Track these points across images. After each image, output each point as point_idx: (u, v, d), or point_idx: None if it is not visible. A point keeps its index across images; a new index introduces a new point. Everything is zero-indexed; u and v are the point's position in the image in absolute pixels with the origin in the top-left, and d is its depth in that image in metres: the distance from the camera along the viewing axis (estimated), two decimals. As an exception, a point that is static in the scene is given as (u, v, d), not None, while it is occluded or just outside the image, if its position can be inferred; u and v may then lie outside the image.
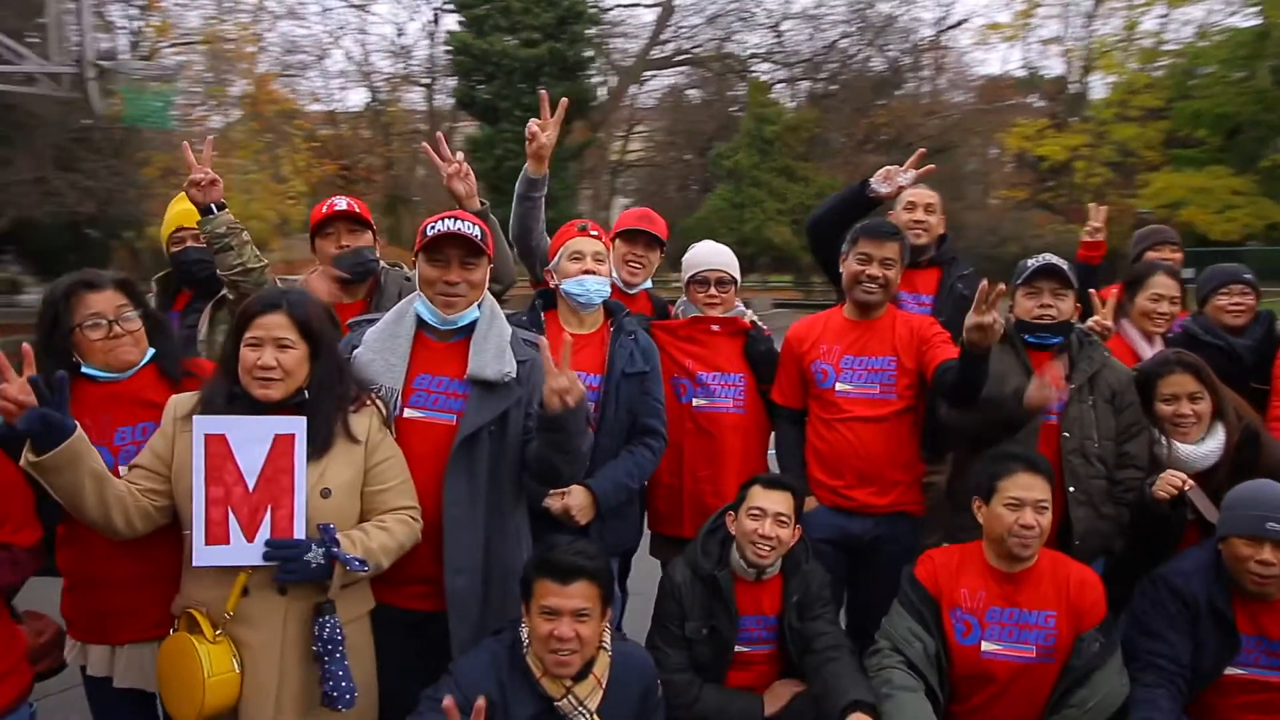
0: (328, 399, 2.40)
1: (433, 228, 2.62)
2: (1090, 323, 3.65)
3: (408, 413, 2.64)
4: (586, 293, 3.08)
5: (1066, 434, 3.20)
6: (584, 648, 2.41)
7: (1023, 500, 2.76)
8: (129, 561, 2.45)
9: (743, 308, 3.65)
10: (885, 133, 31.05)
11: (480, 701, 2.22)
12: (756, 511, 2.94)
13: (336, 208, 3.35)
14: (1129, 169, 39.12)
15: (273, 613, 2.31)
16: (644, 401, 3.19)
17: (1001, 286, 2.89)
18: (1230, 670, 2.79)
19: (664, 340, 3.48)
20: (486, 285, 2.76)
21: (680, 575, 3.04)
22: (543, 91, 3.53)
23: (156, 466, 2.35)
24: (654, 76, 37.37)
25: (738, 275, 3.61)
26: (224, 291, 3.40)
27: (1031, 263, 3.29)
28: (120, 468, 2.42)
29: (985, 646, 2.81)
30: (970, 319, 2.85)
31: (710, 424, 3.44)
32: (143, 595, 2.47)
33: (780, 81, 36.10)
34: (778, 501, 2.95)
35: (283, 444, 2.28)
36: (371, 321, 2.76)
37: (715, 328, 3.48)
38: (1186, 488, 2.93)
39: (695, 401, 3.45)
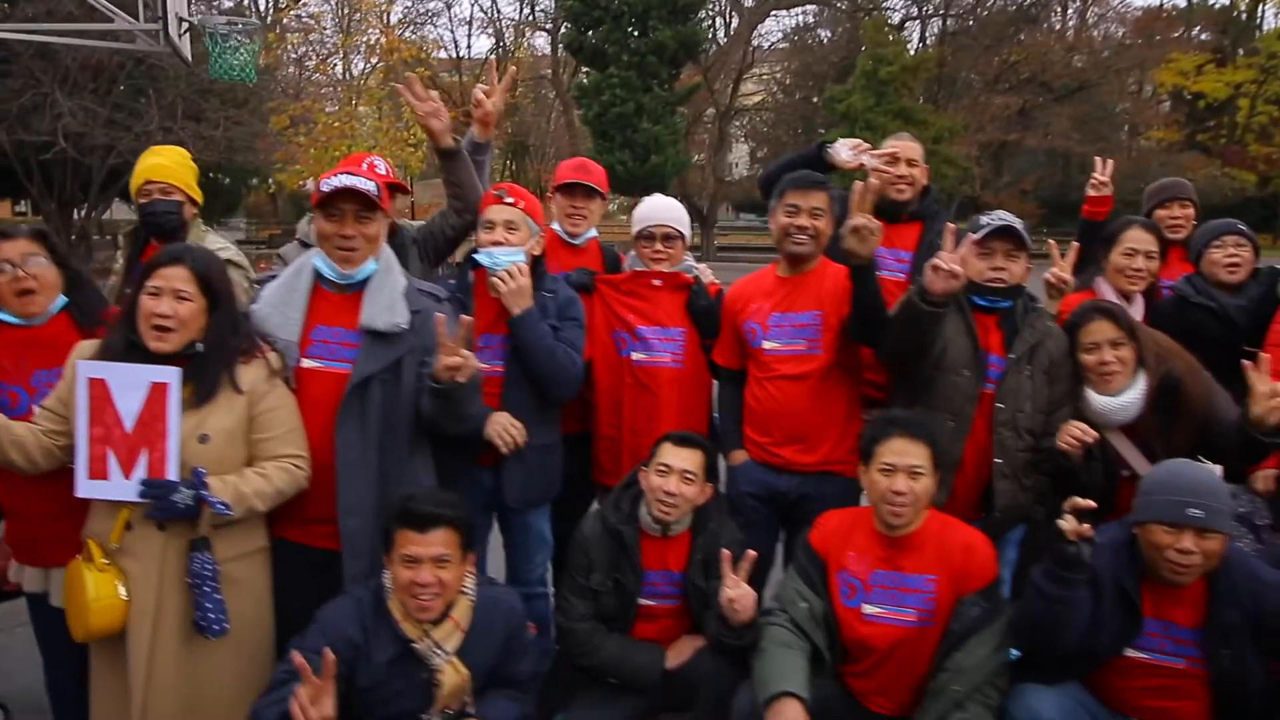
0: (218, 352, 2.53)
1: (327, 183, 2.71)
2: (1048, 274, 3.46)
3: (306, 363, 2.75)
4: (494, 264, 3.09)
5: (1000, 405, 3.06)
6: (445, 592, 2.50)
7: (895, 466, 2.69)
8: (49, 495, 2.65)
9: (691, 262, 3.62)
10: (1021, 71, 29.32)
11: (330, 655, 2.32)
12: (663, 468, 2.95)
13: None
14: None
15: (152, 546, 2.48)
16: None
17: (875, 183, 2.89)
18: (1131, 652, 2.65)
19: (607, 294, 3.49)
20: (383, 238, 2.84)
21: (590, 528, 3.09)
22: (491, 58, 3.56)
23: (59, 409, 2.54)
24: (782, 16, 36.46)
25: (686, 231, 3.57)
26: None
27: (986, 220, 3.12)
28: (35, 407, 2.64)
29: (867, 609, 2.77)
30: (847, 222, 2.80)
31: (649, 378, 3.43)
32: (64, 526, 2.67)
33: (912, 19, 34.59)
34: (686, 459, 2.96)
35: (158, 391, 2.43)
36: (275, 278, 2.88)
37: (657, 282, 3.46)
38: (1090, 440, 2.80)
39: (634, 355, 3.44)
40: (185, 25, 8.58)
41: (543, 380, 3.16)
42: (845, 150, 3.59)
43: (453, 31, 36.47)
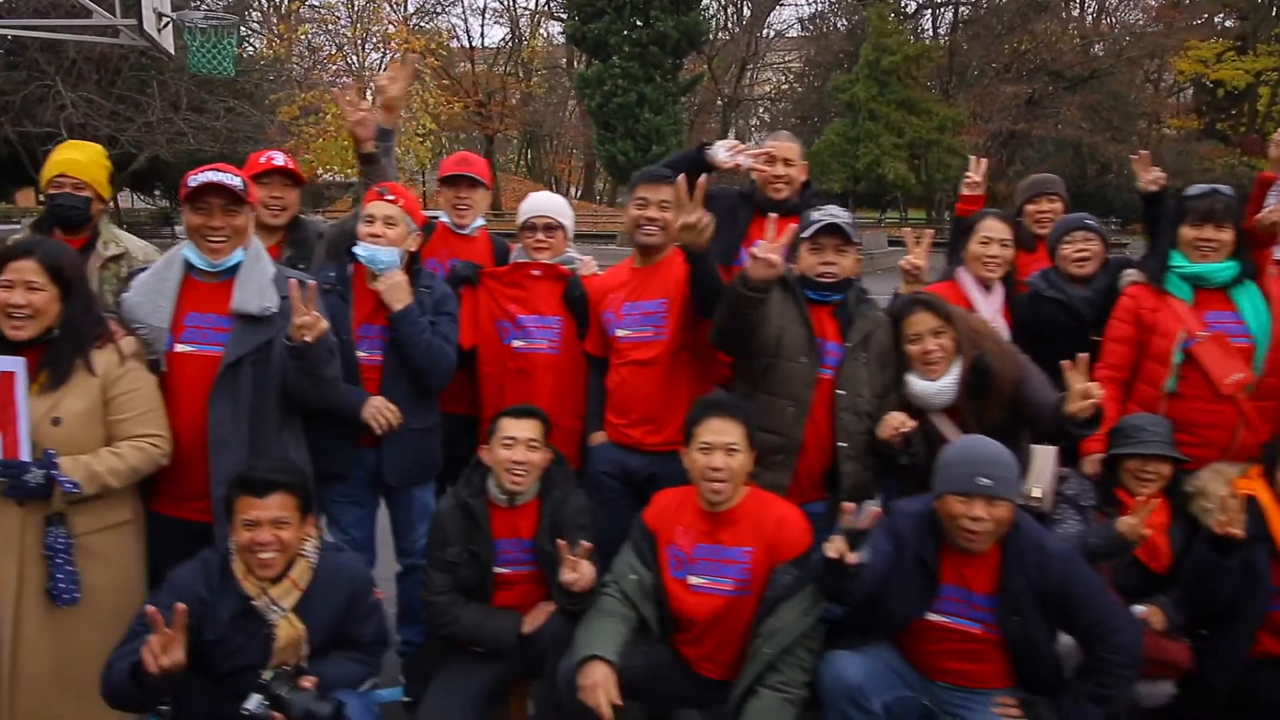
0: (71, 338, 2.76)
1: (195, 179, 2.94)
2: (901, 261, 3.63)
3: (179, 348, 2.99)
4: (371, 261, 3.30)
5: (841, 391, 3.25)
6: (285, 550, 2.72)
7: (713, 444, 2.88)
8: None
9: (572, 254, 3.82)
10: (1031, 60, 29.10)
11: (180, 606, 2.53)
12: (509, 440, 3.15)
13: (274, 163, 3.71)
14: (1324, 96, 35.25)
15: (13, 521, 2.72)
16: None
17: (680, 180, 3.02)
18: (932, 617, 2.85)
19: (490, 285, 3.70)
20: (251, 228, 3.07)
21: (445, 504, 3.32)
22: (397, 59, 3.76)
23: None
24: (798, 5, 36.38)
25: (567, 222, 3.78)
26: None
27: (817, 217, 3.30)
28: None
29: (692, 580, 2.98)
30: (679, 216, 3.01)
31: (528, 364, 3.64)
32: None
33: (925, 7, 34.37)
34: (528, 429, 3.16)
35: (6, 379, 2.66)
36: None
37: (536, 273, 3.67)
38: (905, 429, 2.99)
39: (515, 343, 3.65)
40: (165, 20, 8.84)
41: (419, 371, 3.38)
42: (722, 151, 3.75)
43: (465, 21, 36.35)
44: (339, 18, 26.20)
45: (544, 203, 3.75)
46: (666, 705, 3.17)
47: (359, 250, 3.35)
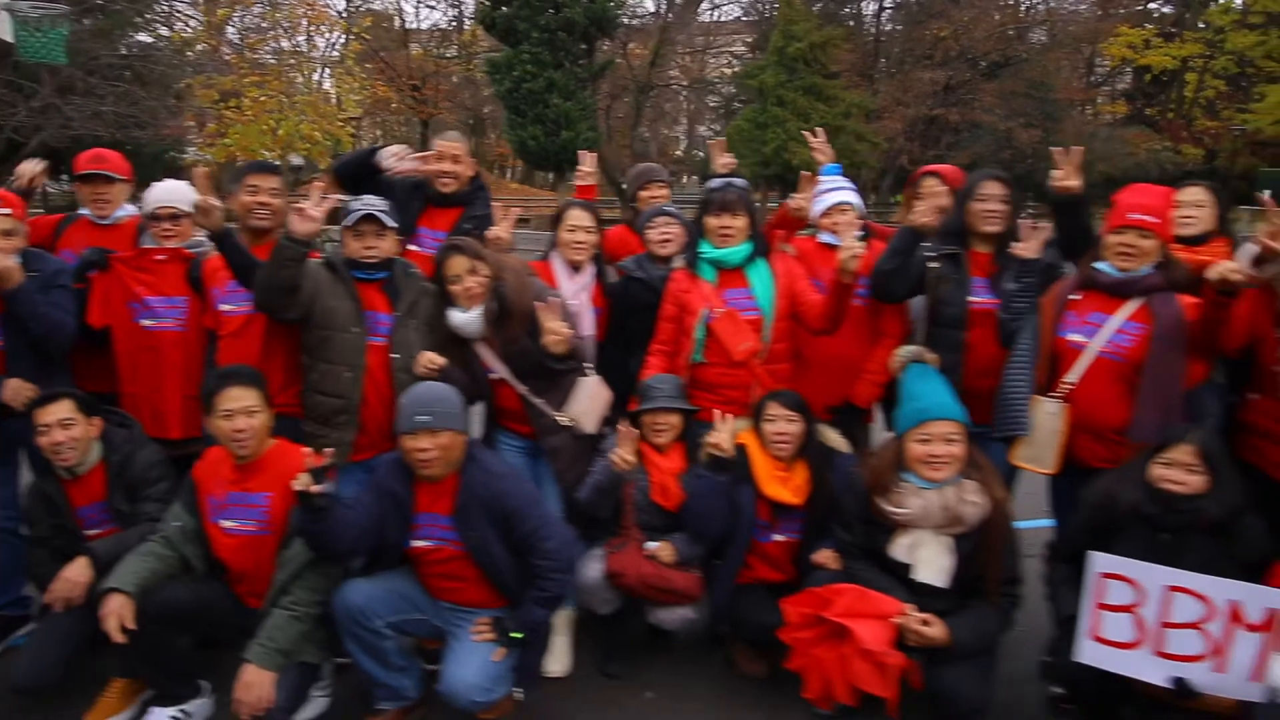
0: None
1: None
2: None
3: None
4: None
5: (395, 355, 3.76)
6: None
7: (233, 410, 3.36)
8: None
9: (201, 238, 4.27)
10: (951, 47, 29.62)
11: None
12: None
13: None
14: (1246, 82, 36.00)
15: None
16: None
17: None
18: (416, 543, 3.36)
19: (120, 270, 4.11)
20: None
21: (27, 488, 3.80)
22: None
23: None
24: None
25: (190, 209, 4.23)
26: None
27: (356, 207, 3.77)
28: None
29: (224, 523, 3.46)
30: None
31: (156, 342, 4.06)
32: None
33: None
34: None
35: None
36: None
37: (161, 257, 4.12)
38: (434, 365, 3.61)
39: (144, 322, 4.07)
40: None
41: (42, 339, 3.83)
42: (388, 157, 4.24)
43: (398, 4, 36.21)
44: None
45: (166, 194, 4.15)
46: (224, 634, 3.63)
47: None
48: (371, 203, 3.77)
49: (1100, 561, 2.97)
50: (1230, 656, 2.83)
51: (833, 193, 4.28)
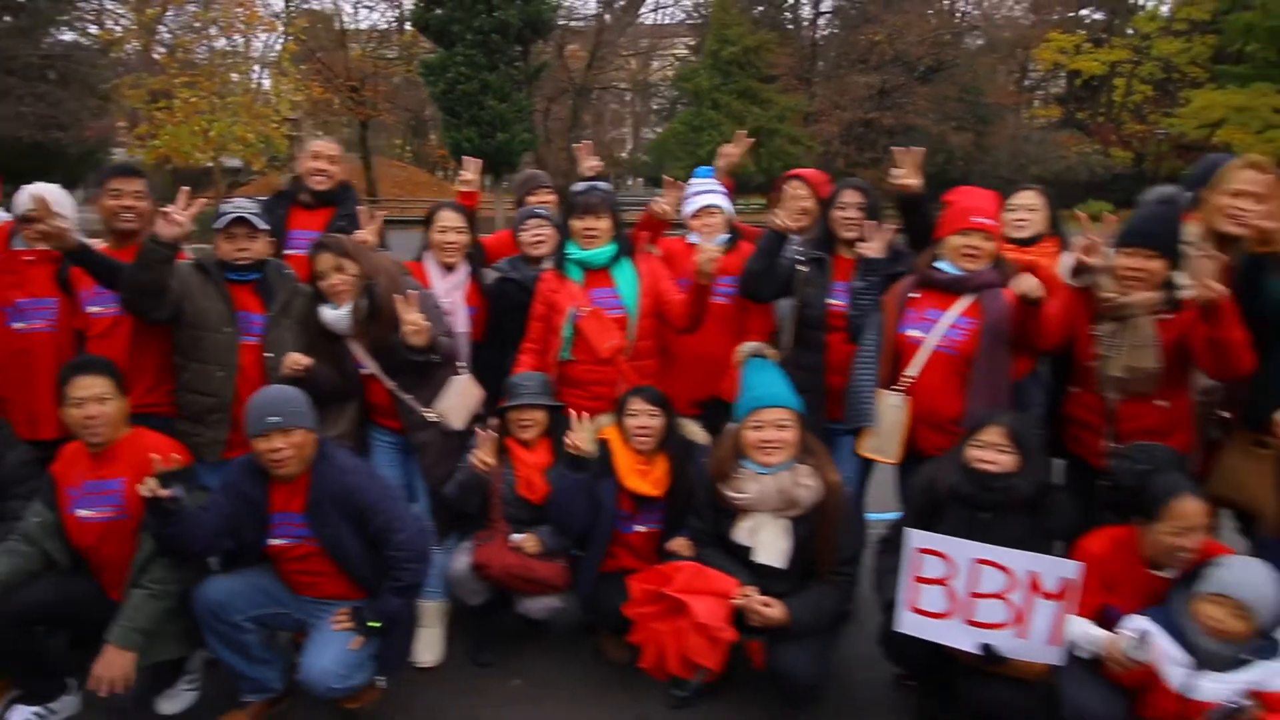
0: None
1: None
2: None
3: None
4: None
5: (269, 354, 3.83)
6: None
7: (83, 399, 3.40)
8: None
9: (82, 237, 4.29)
10: (886, 51, 30.17)
11: None
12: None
13: None
14: (1172, 87, 37.22)
15: None
16: None
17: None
18: (273, 541, 3.43)
19: (-14, 274, 4.16)
20: None
21: None
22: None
23: None
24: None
25: (67, 211, 4.24)
26: None
27: (226, 210, 3.85)
28: None
29: (81, 513, 3.48)
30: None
31: (28, 344, 4.05)
32: None
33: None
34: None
35: None
36: None
37: (30, 259, 4.13)
38: (300, 365, 3.68)
39: (15, 325, 4.08)
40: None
41: None
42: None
43: (336, 4, 35.82)
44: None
45: (30, 199, 4.16)
46: (89, 630, 3.66)
47: None
48: (242, 205, 3.86)
49: (916, 538, 3.16)
50: (1031, 623, 3.03)
51: (702, 195, 4.45)
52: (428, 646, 4.01)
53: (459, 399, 4.01)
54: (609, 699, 3.79)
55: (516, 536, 3.90)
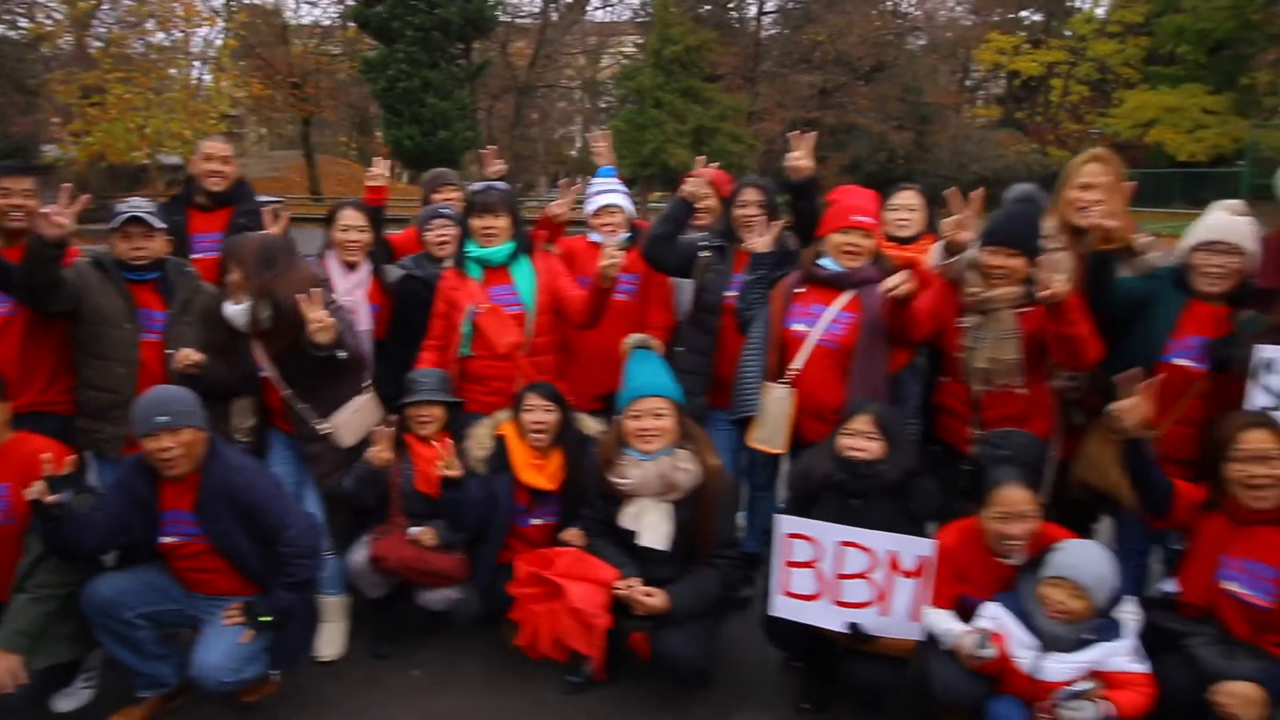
0: None
1: None
2: None
3: None
4: None
5: (170, 351, 3.84)
6: None
7: None
8: None
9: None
10: (828, 51, 30.55)
11: None
12: None
13: None
14: (1107, 87, 38.14)
15: None
16: None
17: None
18: (165, 539, 3.45)
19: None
20: None
21: None
22: None
23: None
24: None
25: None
26: None
27: (121, 209, 3.86)
28: None
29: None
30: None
31: None
32: None
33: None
34: None
35: None
36: None
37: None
38: (190, 361, 3.71)
39: None
40: None
41: None
42: None
43: (278, 1, 35.18)
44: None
45: None
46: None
47: None
48: (137, 205, 3.88)
49: (786, 523, 3.30)
50: (892, 601, 3.19)
51: (604, 194, 4.56)
52: (329, 641, 4.06)
53: (355, 415, 4.02)
54: (506, 686, 3.87)
55: (414, 530, 3.96)
